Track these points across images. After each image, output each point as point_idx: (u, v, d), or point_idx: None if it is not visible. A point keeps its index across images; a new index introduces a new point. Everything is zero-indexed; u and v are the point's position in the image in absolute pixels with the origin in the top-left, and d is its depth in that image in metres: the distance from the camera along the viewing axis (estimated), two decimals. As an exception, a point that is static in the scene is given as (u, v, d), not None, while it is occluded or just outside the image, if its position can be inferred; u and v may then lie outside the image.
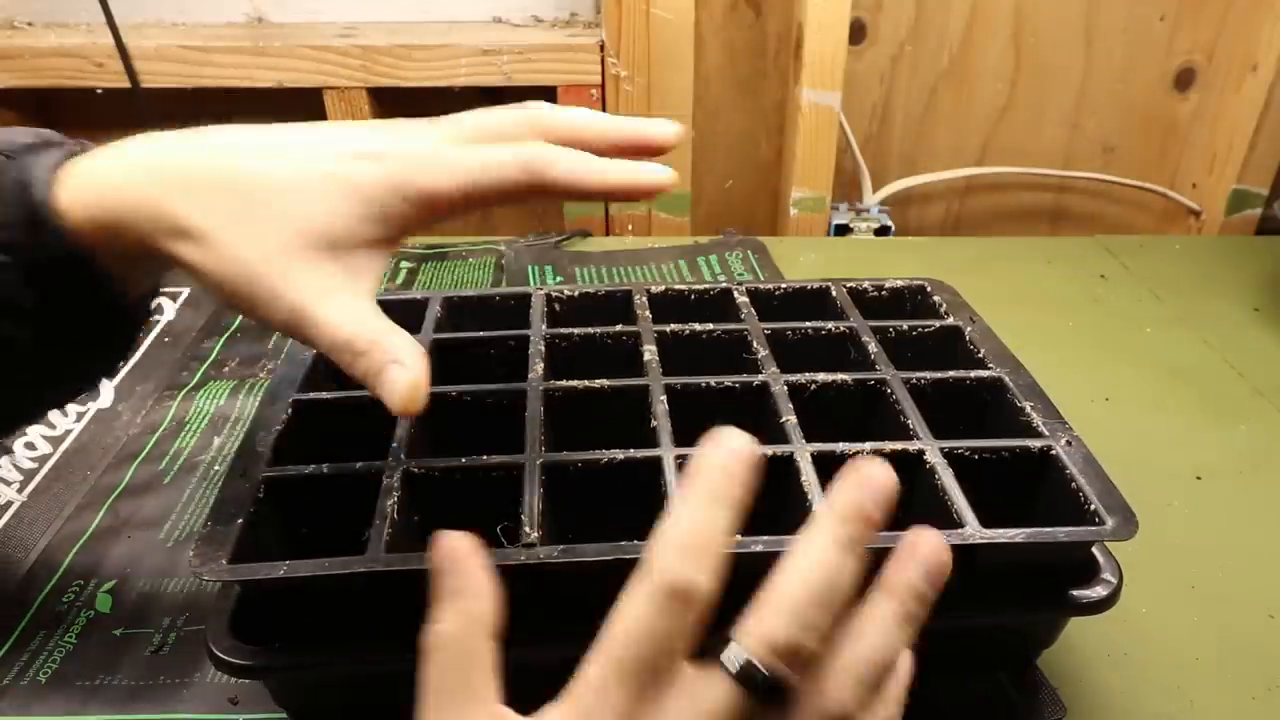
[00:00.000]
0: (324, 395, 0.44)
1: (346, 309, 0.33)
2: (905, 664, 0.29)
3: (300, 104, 0.87)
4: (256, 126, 0.35)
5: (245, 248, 0.32)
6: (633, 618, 0.26)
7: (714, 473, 0.27)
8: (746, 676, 0.25)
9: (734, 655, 0.25)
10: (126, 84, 0.84)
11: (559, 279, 0.77)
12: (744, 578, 0.37)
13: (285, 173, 0.33)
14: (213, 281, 0.33)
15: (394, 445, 0.40)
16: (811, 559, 0.26)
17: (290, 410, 0.42)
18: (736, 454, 0.27)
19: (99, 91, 0.85)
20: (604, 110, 0.85)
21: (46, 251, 0.33)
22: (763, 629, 0.26)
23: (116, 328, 0.37)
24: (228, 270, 0.32)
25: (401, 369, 0.32)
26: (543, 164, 0.33)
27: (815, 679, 0.26)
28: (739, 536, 0.35)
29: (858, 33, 0.88)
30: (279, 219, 0.32)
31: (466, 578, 0.28)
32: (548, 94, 0.86)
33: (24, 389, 0.37)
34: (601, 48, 0.83)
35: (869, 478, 0.27)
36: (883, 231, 0.89)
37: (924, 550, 0.28)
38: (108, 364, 0.39)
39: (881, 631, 0.27)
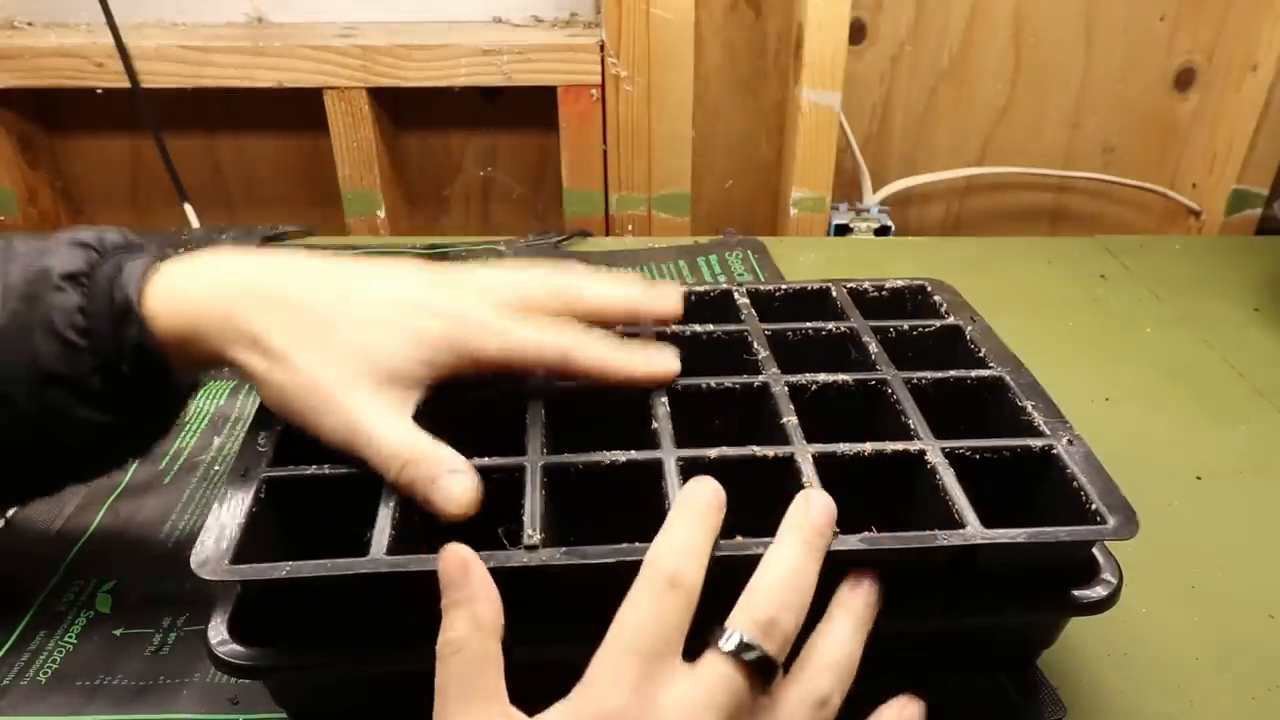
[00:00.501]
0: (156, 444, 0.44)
1: (396, 424, 0.37)
2: (912, 710, 0.35)
3: (300, 104, 0.87)
4: (333, 261, 0.41)
5: (316, 368, 0.37)
6: (636, 604, 0.31)
7: (698, 502, 0.34)
8: (740, 653, 0.30)
9: (729, 637, 0.31)
10: (126, 84, 0.84)
11: (559, 279, 0.77)
12: (745, 578, 0.37)
13: (358, 313, 0.38)
14: (278, 391, 0.37)
15: None
16: (783, 559, 0.33)
17: None
18: (714, 489, 0.34)
19: (99, 91, 0.85)
20: (604, 111, 0.85)
21: (124, 345, 0.37)
22: (749, 613, 0.31)
23: (163, 415, 0.42)
24: (297, 384, 0.37)
25: (458, 476, 0.36)
26: (571, 354, 0.40)
27: (800, 667, 0.33)
28: (740, 539, 0.35)
29: (858, 33, 0.88)
30: (349, 349, 0.37)
31: (473, 586, 0.32)
32: (548, 94, 0.86)
33: (65, 463, 0.41)
34: (601, 48, 0.83)
35: (818, 500, 0.35)
36: (883, 231, 0.89)
37: (865, 585, 0.35)
38: (146, 445, 0.42)
39: (845, 636, 0.34)
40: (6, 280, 0.37)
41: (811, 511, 0.34)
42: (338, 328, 0.37)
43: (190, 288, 0.38)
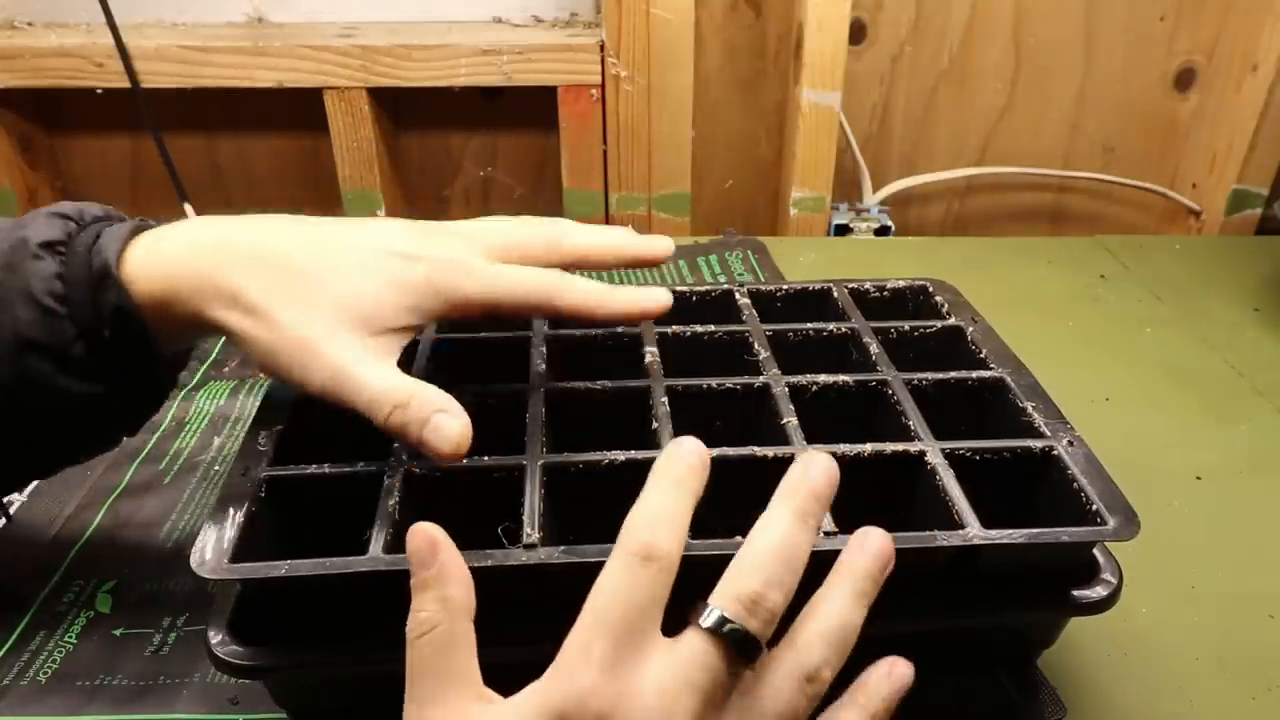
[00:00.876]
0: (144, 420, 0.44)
1: (383, 369, 0.37)
2: (901, 670, 0.32)
3: (300, 104, 0.87)
4: (308, 218, 0.41)
5: (296, 319, 0.36)
6: (608, 581, 0.29)
7: (676, 464, 0.31)
8: (719, 628, 0.29)
9: (709, 613, 0.29)
10: (126, 84, 0.84)
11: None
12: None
13: (337, 261, 0.38)
14: (261, 347, 0.37)
15: (395, 445, 0.40)
16: (771, 529, 0.31)
17: (293, 410, 0.42)
18: (695, 449, 0.32)
19: (99, 91, 0.85)
20: (604, 111, 0.85)
21: (104, 310, 0.37)
22: (732, 587, 0.30)
23: (150, 387, 0.41)
24: (278, 337, 0.36)
25: (449, 416, 0.36)
26: (556, 292, 0.40)
27: (789, 639, 0.31)
28: (737, 538, 0.35)
29: (858, 33, 0.88)
30: (328, 299, 0.37)
31: (443, 566, 0.30)
32: (548, 94, 0.86)
33: (52, 438, 0.40)
34: (601, 48, 0.83)
35: (819, 463, 0.32)
36: (883, 232, 0.89)
37: (872, 540, 0.32)
38: (135, 420, 0.42)
39: (841, 603, 0.31)
40: None
41: (810, 474, 0.32)
42: (317, 279, 0.37)
43: (168, 250, 0.38)
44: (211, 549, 0.35)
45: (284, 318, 0.36)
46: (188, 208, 0.91)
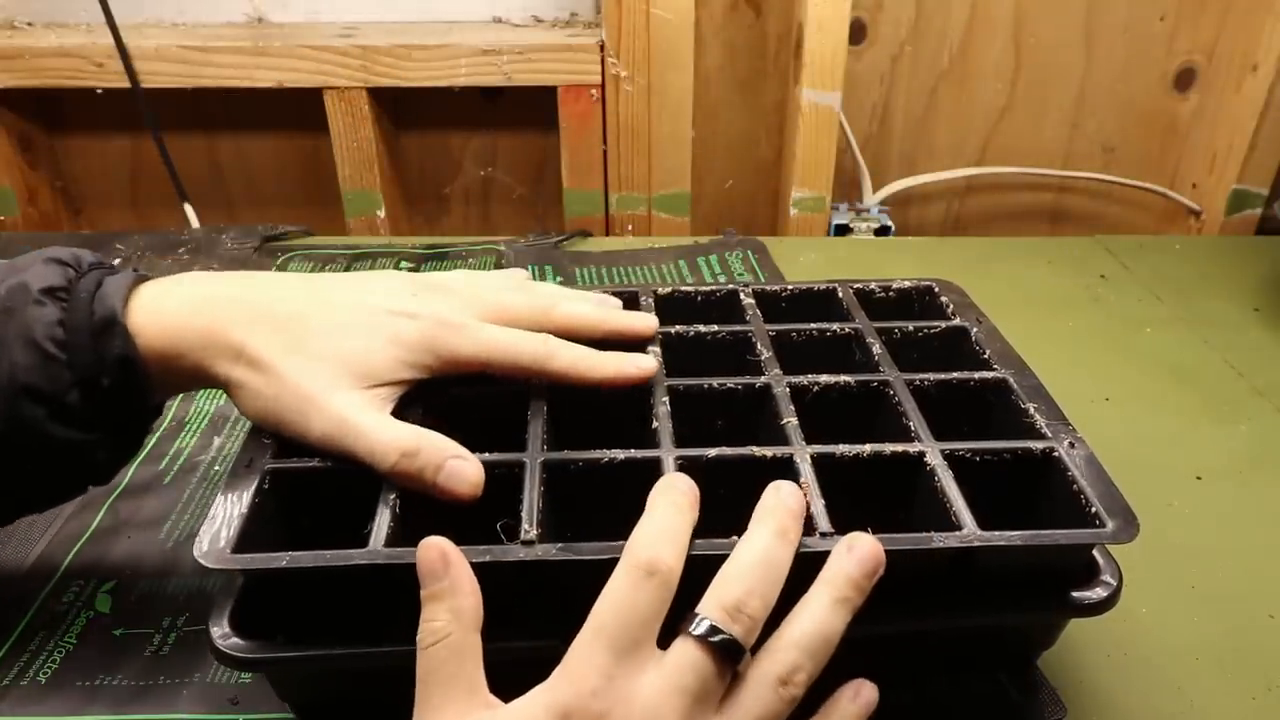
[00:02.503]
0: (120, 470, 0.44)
1: (383, 419, 0.38)
2: (867, 694, 0.35)
3: (300, 104, 0.87)
4: (312, 276, 0.42)
5: (299, 372, 0.38)
6: (613, 593, 0.31)
7: (674, 492, 0.35)
8: (707, 637, 0.31)
9: (698, 622, 0.31)
10: (126, 84, 0.84)
11: (559, 279, 0.77)
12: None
13: (339, 319, 0.39)
14: (263, 400, 0.38)
15: None
16: (752, 544, 0.33)
17: None
18: (689, 482, 0.35)
19: (99, 91, 0.85)
20: (604, 111, 0.85)
21: (106, 359, 0.37)
22: (716, 597, 0.32)
23: (134, 437, 0.41)
24: (281, 389, 0.38)
25: (463, 461, 0.37)
26: (546, 358, 0.41)
27: (768, 645, 0.32)
28: (733, 538, 0.35)
29: (858, 33, 0.88)
30: (330, 353, 0.38)
31: (455, 579, 0.32)
32: (548, 94, 0.86)
33: (28, 486, 0.40)
34: (601, 48, 0.83)
35: (787, 487, 0.36)
36: (883, 231, 0.89)
37: (859, 547, 0.34)
38: (111, 470, 0.42)
39: (819, 610, 0.33)
40: None
41: (782, 496, 0.35)
42: (318, 335, 0.39)
43: (174, 303, 0.39)
44: (214, 539, 0.35)
45: (287, 370, 0.38)
46: (187, 208, 0.91)
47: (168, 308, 0.39)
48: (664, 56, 0.84)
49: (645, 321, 0.46)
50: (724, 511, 0.37)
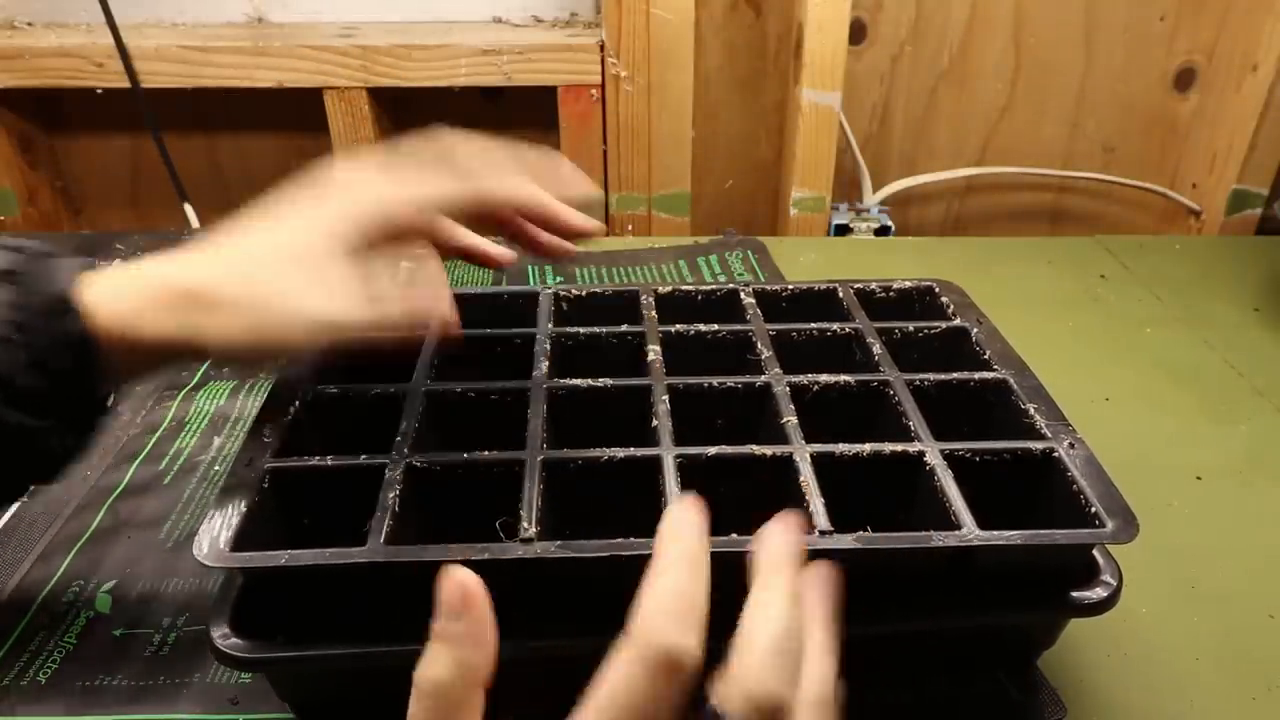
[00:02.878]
0: (330, 389, 0.44)
1: (350, 289, 0.39)
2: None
3: (300, 104, 0.87)
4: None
5: (256, 291, 0.38)
6: (623, 684, 0.25)
7: (690, 540, 0.28)
8: None
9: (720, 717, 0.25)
10: (126, 84, 0.84)
11: (559, 279, 0.77)
12: (741, 578, 0.37)
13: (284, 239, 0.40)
14: (237, 330, 0.38)
15: (397, 439, 0.40)
16: (773, 616, 0.27)
17: (297, 403, 0.43)
18: (699, 513, 0.29)
19: (99, 91, 0.85)
20: (604, 111, 0.86)
21: (59, 339, 0.36)
22: (742, 687, 0.26)
23: (83, 427, 0.40)
24: (248, 312, 0.38)
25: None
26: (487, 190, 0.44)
27: (737, 667, 0.26)
28: (734, 535, 0.35)
29: (858, 33, 0.88)
30: (279, 262, 0.39)
31: (471, 625, 0.27)
32: (548, 94, 0.86)
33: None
34: (601, 48, 0.83)
35: (791, 529, 0.30)
36: (883, 232, 0.89)
37: (821, 570, 0.30)
38: (58, 465, 0.40)
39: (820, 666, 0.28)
40: None
41: (790, 542, 0.30)
42: (269, 264, 0.39)
43: (126, 280, 0.38)
44: (214, 538, 0.35)
45: (242, 296, 0.38)
46: (187, 208, 0.91)
47: (123, 284, 0.38)
48: (664, 56, 0.84)
49: (590, 224, 0.47)
50: (724, 511, 0.37)
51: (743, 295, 0.51)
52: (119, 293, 0.38)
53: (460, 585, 0.26)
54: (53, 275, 0.37)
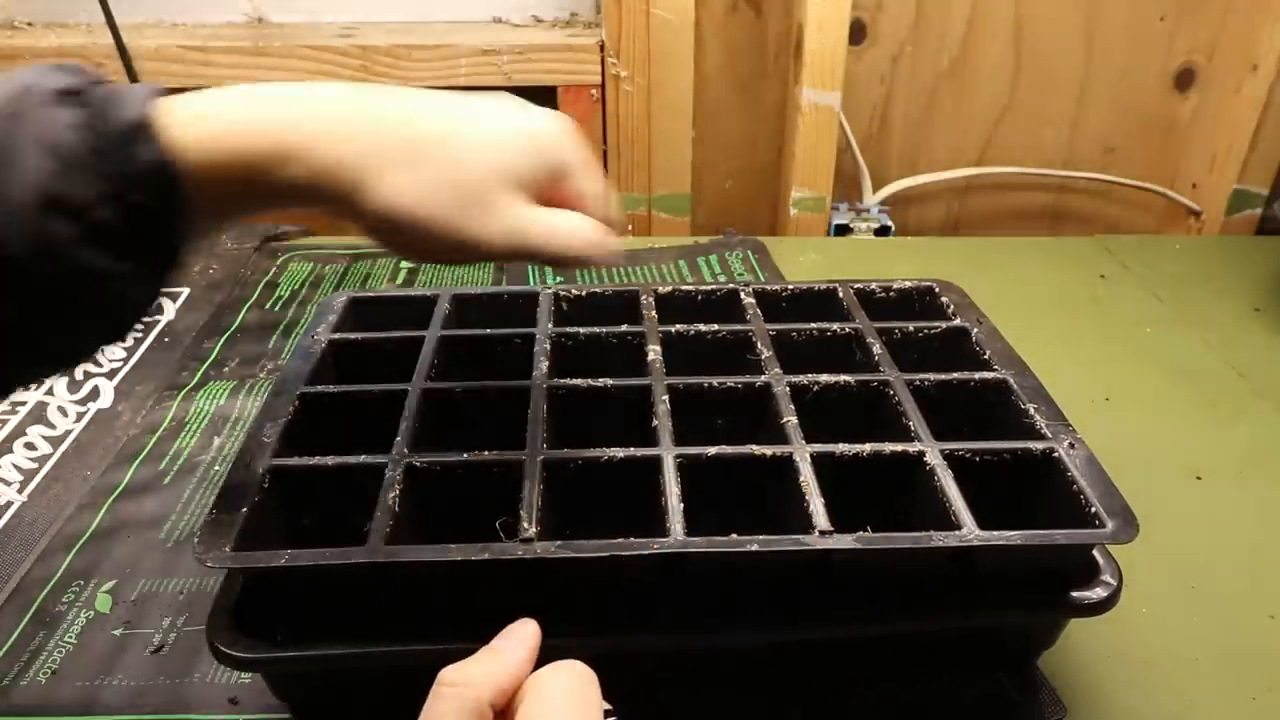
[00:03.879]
0: (330, 389, 0.44)
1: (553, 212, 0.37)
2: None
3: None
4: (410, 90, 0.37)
5: (470, 164, 0.35)
6: None
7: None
8: None
9: None
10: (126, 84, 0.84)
11: (559, 279, 0.77)
12: (741, 577, 0.37)
13: (477, 130, 0.36)
14: (418, 193, 0.34)
15: (397, 439, 0.40)
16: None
17: (297, 403, 0.43)
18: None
19: (99, 91, 0.85)
20: (604, 111, 0.85)
21: (136, 168, 0.31)
22: None
23: (165, 268, 0.34)
24: (449, 179, 0.34)
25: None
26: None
27: None
28: (734, 535, 0.35)
29: (858, 33, 0.88)
30: (480, 160, 0.35)
31: (517, 653, 0.30)
32: (548, 94, 0.86)
33: (59, 327, 0.33)
34: (601, 48, 0.83)
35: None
36: (883, 232, 0.89)
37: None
38: (138, 310, 0.35)
39: None
40: None
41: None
42: (464, 143, 0.35)
43: (214, 108, 0.34)
44: (214, 538, 0.35)
45: (455, 159, 0.35)
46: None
47: (210, 110, 0.33)
48: (664, 57, 0.84)
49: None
50: (723, 511, 0.37)
51: (743, 295, 0.51)
52: (213, 121, 0.33)
53: (528, 627, 0.31)
54: (124, 97, 0.32)
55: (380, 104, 0.35)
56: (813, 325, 0.49)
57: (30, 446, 0.56)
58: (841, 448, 0.40)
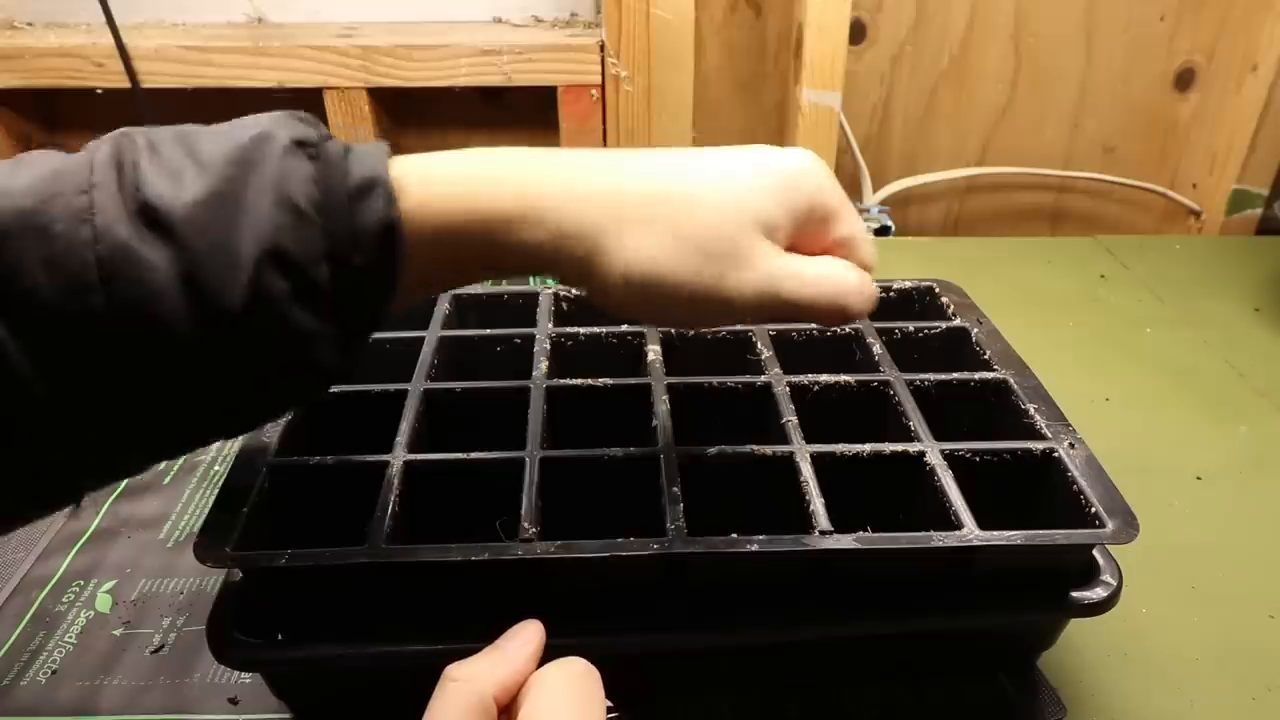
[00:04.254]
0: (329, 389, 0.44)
1: (807, 261, 0.34)
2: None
3: (300, 104, 0.87)
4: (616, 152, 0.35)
5: (695, 230, 0.32)
6: None
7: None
8: None
9: None
10: (126, 84, 0.84)
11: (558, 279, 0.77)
12: (741, 577, 0.37)
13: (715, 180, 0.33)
14: (652, 273, 0.31)
15: (397, 439, 0.40)
16: None
17: None
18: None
19: (99, 92, 0.85)
20: (604, 111, 0.85)
21: (363, 226, 0.30)
22: None
23: (361, 338, 0.33)
24: (691, 236, 0.31)
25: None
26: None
27: None
28: (734, 535, 0.35)
29: (858, 33, 0.88)
30: (730, 211, 0.32)
31: (521, 650, 0.30)
32: (548, 94, 0.86)
33: (255, 386, 0.31)
34: (602, 48, 0.83)
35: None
36: (883, 232, 0.89)
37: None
38: (324, 382, 0.32)
39: None
40: (195, 149, 0.30)
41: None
42: (704, 198, 0.32)
43: (446, 173, 0.32)
44: (214, 537, 0.35)
45: (697, 216, 0.32)
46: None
47: (447, 169, 0.32)
48: (664, 57, 0.84)
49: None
50: (723, 510, 0.37)
51: (743, 295, 0.51)
52: (445, 186, 0.32)
53: (533, 627, 0.31)
54: (357, 153, 0.31)
55: (618, 162, 0.33)
56: (812, 325, 0.49)
57: (30, 446, 0.56)
58: (841, 448, 0.40)
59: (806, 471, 0.38)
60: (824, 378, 0.44)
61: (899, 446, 0.40)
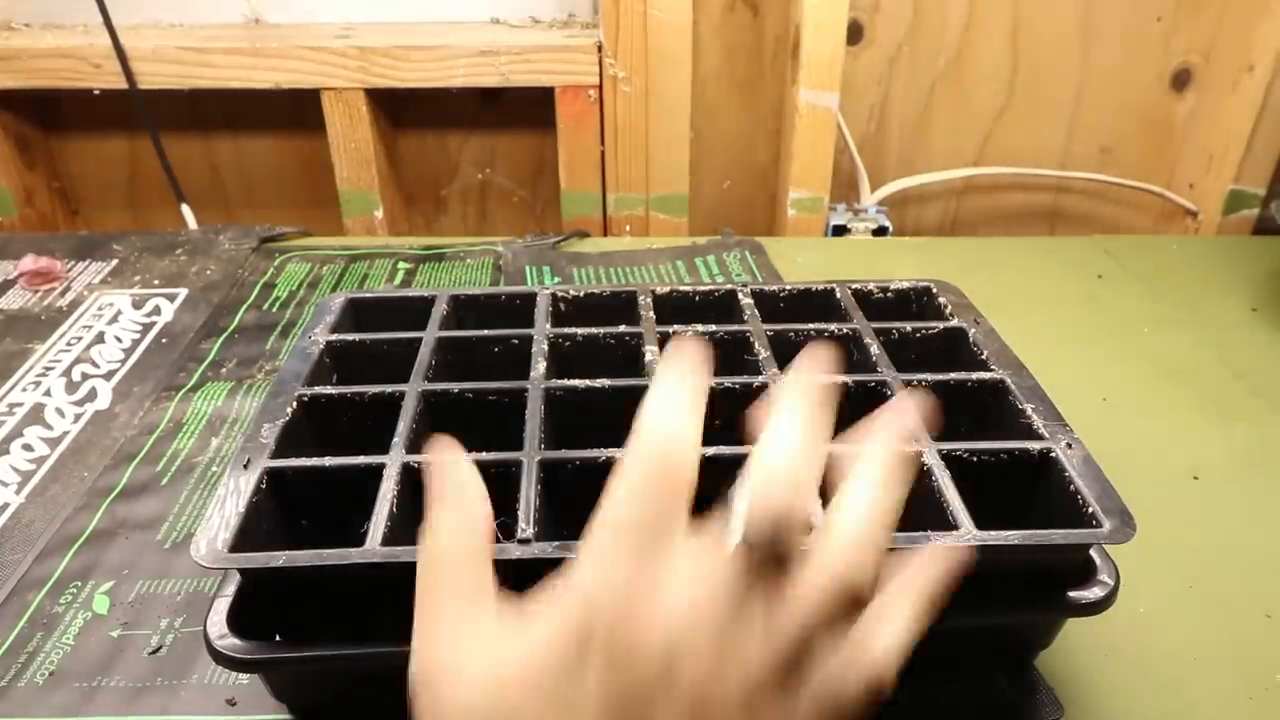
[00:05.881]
0: (328, 390, 0.44)
1: None
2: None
3: (298, 105, 0.87)
4: None
5: None
6: (628, 485, 0.26)
7: (681, 363, 0.27)
8: (746, 540, 0.25)
9: (734, 525, 0.26)
10: (124, 85, 0.84)
11: (557, 279, 0.77)
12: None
13: None
14: None
15: (395, 440, 0.40)
16: (787, 434, 0.27)
17: (295, 404, 0.43)
18: (697, 349, 0.28)
19: (96, 92, 0.85)
20: (602, 111, 0.85)
21: None
22: (756, 500, 0.26)
23: None
24: None
25: None
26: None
27: (823, 541, 0.26)
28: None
29: (855, 33, 0.88)
30: None
31: (459, 483, 0.29)
32: (546, 94, 0.86)
33: None
34: (599, 48, 0.83)
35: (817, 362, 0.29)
36: (880, 232, 0.89)
37: (903, 410, 0.30)
38: None
39: (865, 500, 0.27)
40: None
41: (814, 375, 0.29)
42: None
43: None
44: (211, 539, 0.35)
45: None
46: (185, 208, 0.91)
47: None
48: (662, 57, 0.84)
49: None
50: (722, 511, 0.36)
51: (740, 296, 0.51)
52: None
53: (440, 456, 0.29)
54: None
55: None
56: (810, 326, 0.49)
57: (28, 448, 0.56)
58: (839, 448, 0.40)
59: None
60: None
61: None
